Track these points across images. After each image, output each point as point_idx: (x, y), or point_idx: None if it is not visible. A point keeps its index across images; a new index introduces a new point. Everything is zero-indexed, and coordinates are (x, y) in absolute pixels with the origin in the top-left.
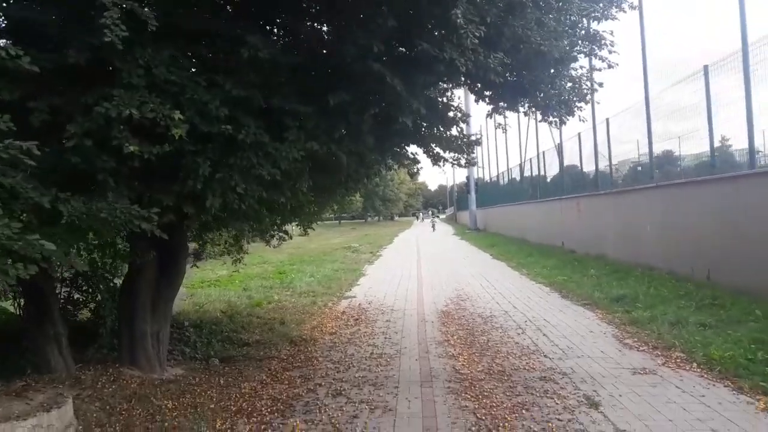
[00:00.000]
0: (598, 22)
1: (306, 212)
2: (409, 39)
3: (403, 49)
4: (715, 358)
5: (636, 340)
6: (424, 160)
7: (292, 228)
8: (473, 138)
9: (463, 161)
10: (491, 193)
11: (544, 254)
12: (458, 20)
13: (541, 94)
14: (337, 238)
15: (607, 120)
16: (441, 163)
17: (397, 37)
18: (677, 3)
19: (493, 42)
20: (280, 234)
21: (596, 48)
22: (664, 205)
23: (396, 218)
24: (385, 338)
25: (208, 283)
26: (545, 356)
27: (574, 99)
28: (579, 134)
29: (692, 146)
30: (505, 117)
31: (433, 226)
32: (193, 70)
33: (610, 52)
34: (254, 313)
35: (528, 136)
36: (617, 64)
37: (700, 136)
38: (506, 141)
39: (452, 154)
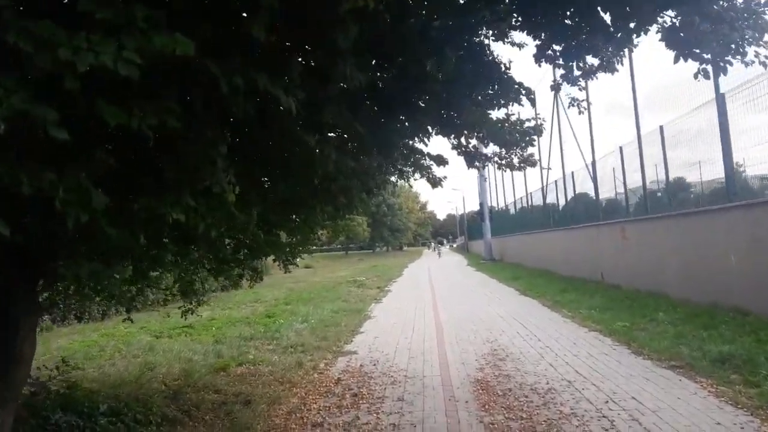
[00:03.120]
0: None
1: (269, 244)
2: None
3: None
4: None
5: None
6: (453, 166)
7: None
8: (532, 123)
9: (515, 160)
10: (507, 220)
11: (582, 290)
12: None
13: None
14: (343, 271)
15: (661, 128)
16: (480, 163)
17: None
18: None
19: None
20: (250, 273)
21: None
22: (756, 229)
23: (405, 248)
24: None
25: (179, 330)
26: None
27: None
28: (621, 148)
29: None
30: (582, 87)
31: (439, 254)
32: None
33: None
34: (213, 384)
35: (551, 154)
36: None
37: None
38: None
39: (497, 150)
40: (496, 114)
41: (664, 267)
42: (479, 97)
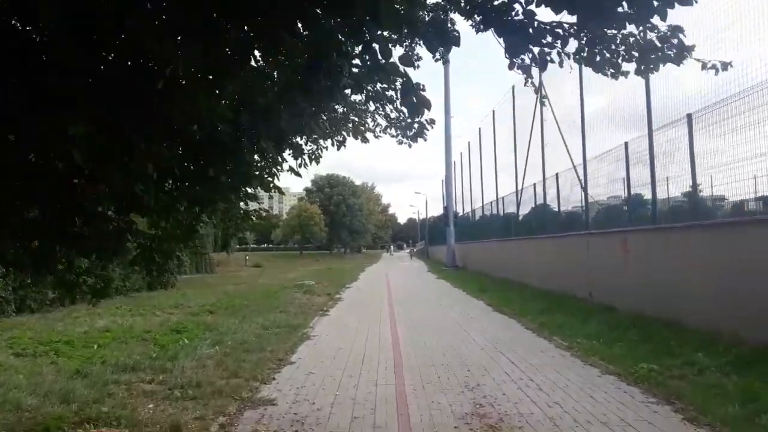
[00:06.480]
0: None
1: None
2: None
3: None
4: None
5: None
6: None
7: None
8: None
9: (620, 49)
10: (472, 226)
11: (569, 310)
12: None
13: None
14: (294, 272)
15: (689, 116)
16: (536, 54)
17: None
18: None
19: None
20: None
21: None
22: None
23: (364, 250)
24: None
25: (53, 345)
26: None
27: None
28: (626, 143)
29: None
30: None
31: (411, 256)
32: None
33: None
34: None
35: (529, 156)
36: None
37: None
38: (495, 162)
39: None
40: None
41: (682, 289)
42: None
